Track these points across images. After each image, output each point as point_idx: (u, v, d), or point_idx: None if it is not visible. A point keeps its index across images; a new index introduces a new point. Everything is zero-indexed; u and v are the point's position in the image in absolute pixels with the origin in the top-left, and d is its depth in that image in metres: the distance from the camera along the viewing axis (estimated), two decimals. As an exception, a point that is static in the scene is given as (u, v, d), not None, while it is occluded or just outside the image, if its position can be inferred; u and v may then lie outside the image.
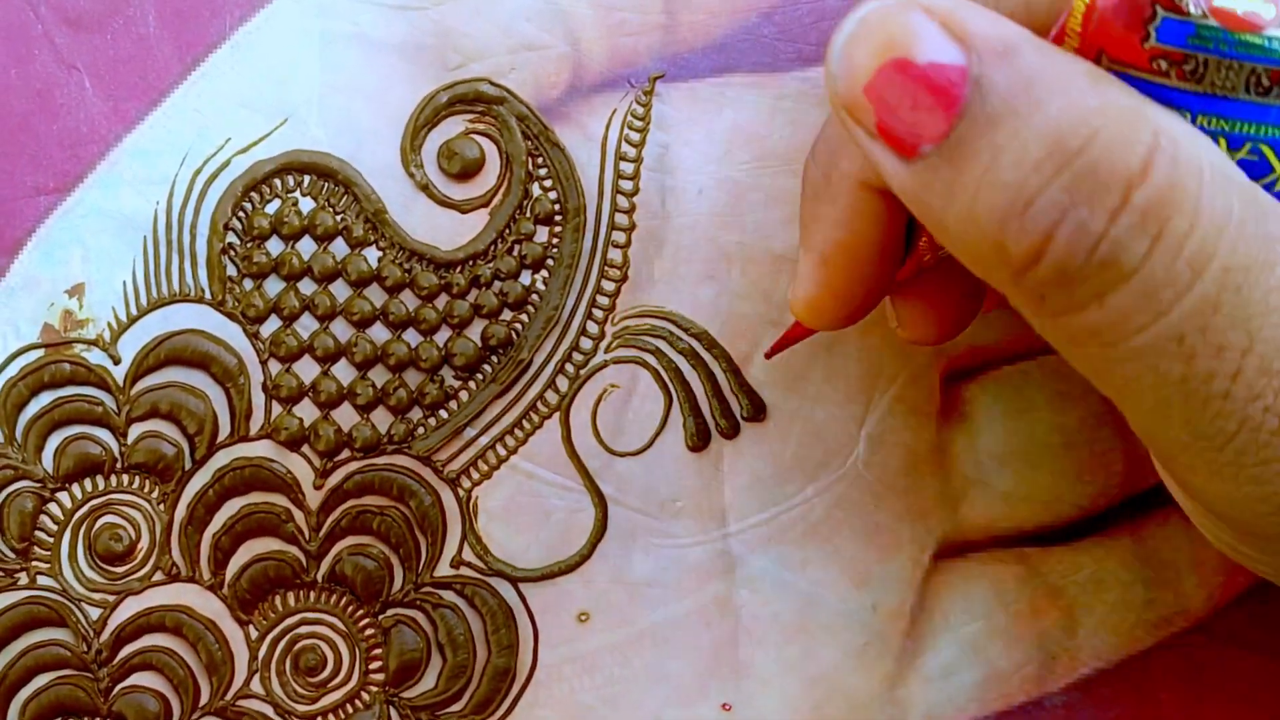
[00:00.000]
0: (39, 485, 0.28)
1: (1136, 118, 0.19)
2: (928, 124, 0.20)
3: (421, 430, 0.29)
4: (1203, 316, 0.19)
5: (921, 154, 0.20)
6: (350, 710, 0.29)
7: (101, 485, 0.29)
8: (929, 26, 0.20)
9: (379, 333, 0.29)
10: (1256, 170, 0.20)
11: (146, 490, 0.29)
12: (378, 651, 0.29)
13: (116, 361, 0.29)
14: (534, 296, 0.29)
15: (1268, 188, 0.20)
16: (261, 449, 0.29)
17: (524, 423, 0.29)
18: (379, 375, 0.29)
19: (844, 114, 0.21)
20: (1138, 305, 0.19)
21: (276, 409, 0.29)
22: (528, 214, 0.29)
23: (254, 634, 0.29)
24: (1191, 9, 0.19)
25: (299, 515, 0.29)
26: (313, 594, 0.29)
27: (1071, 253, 0.19)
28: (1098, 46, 0.20)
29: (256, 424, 0.29)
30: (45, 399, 0.29)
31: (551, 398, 0.29)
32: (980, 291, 0.26)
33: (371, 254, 0.29)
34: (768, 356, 0.29)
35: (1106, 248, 0.19)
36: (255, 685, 0.29)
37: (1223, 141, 0.20)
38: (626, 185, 0.29)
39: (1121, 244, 0.19)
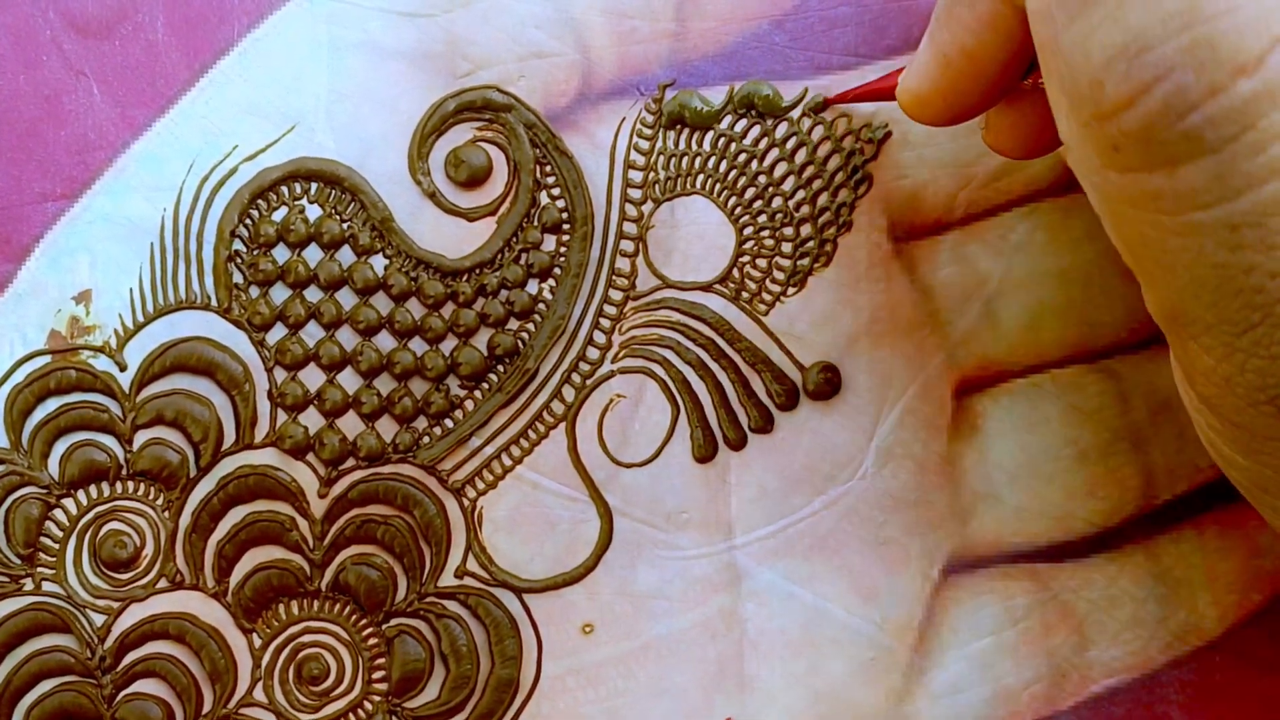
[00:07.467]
0: (44, 491, 0.28)
1: (1277, 9, 0.19)
2: None
3: (427, 439, 0.29)
4: (1264, 214, 0.19)
5: None
6: None
7: (107, 492, 0.29)
8: None
9: (384, 341, 0.29)
10: None
11: (151, 497, 0.29)
12: (381, 661, 0.29)
13: (123, 368, 0.29)
14: (541, 305, 0.29)
15: None
16: (266, 457, 0.29)
17: (530, 433, 0.29)
18: (384, 384, 0.29)
19: None
20: (1207, 185, 0.19)
21: (281, 417, 0.29)
22: (535, 222, 0.29)
23: (257, 642, 0.29)
24: None
25: (303, 524, 0.29)
26: (316, 603, 0.29)
27: (1164, 112, 0.19)
28: None
29: (261, 432, 0.29)
30: (51, 405, 0.29)
31: (557, 408, 0.29)
32: None
33: (378, 262, 0.29)
34: (829, 102, 0.29)
35: (1197, 119, 0.19)
36: (258, 693, 0.28)
37: None
38: (635, 194, 0.29)
39: (1213, 121, 0.19)
